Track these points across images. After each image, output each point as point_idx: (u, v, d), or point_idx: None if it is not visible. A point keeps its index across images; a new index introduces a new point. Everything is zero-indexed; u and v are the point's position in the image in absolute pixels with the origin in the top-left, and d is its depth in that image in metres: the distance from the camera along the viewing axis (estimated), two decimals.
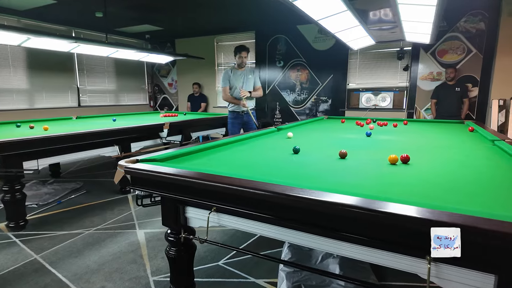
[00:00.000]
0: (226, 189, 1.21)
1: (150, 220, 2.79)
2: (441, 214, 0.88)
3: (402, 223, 0.92)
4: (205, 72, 7.28)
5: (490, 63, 4.80)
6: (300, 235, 1.19)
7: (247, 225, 1.34)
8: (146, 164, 1.50)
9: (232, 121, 4.04)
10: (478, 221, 0.84)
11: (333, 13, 2.40)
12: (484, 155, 1.82)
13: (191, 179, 1.29)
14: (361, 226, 1.01)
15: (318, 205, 1.00)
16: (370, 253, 1.08)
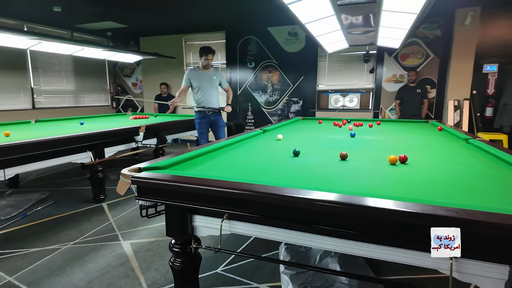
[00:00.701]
0: (241, 195, 1.18)
1: (134, 230, 2.63)
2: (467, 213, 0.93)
3: (426, 222, 0.95)
4: (173, 72, 7.05)
5: (446, 67, 5.25)
6: (322, 239, 1.19)
7: (261, 231, 1.32)
8: (151, 172, 1.42)
9: (200, 121, 4.03)
10: (494, 217, 0.89)
11: (321, 17, 2.45)
12: (466, 153, 1.97)
13: (204, 186, 1.25)
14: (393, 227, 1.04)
15: (352, 209, 1.02)
16: (394, 252, 1.11)
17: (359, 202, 1.01)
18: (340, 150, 2.00)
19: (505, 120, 4.90)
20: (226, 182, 1.25)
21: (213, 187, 1.23)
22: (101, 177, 3.19)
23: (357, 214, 1.01)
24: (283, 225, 1.24)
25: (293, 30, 5.98)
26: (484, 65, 5.10)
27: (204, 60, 3.88)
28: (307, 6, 2.21)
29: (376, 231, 1.06)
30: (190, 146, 6.73)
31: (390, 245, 1.10)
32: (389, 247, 1.11)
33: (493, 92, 5.13)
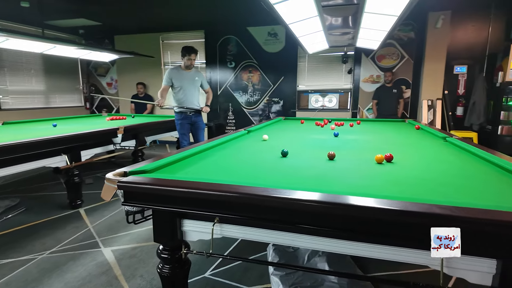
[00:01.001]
0: (234, 198, 1.16)
1: (115, 235, 2.53)
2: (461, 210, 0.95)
3: (417, 219, 0.96)
4: (150, 71, 6.87)
5: (420, 67, 5.46)
6: (317, 240, 1.19)
7: (254, 234, 1.30)
8: (138, 176, 1.36)
9: (181, 122, 3.97)
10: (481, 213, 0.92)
11: (304, 17, 2.46)
12: (446, 151, 2.05)
13: (196, 190, 1.21)
14: (387, 227, 1.05)
15: (350, 208, 1.01)
16: (386, 250, 1.12)
17: (359, 203, 1.01)
18: (326, 150, 2.02)
19: (474, 119, 5.16)
20: (218, 185, 1.22)
21: (204, 190, 1.19)
22: (77, 182, 3.04)
23: (356, 213, 1.01)
24: (277, 227, 1.22)
25: (273, 31, 6.00)
26: (454, 66, 5.35)
27: (187, 60, 3.80)
28: (292, 7, 2.20)
29: (370, 230, 1.07)
30: (169, 147, 6.58)
31: (385, 243, 1.11)
32: (382, 246, 1.12)
33: (463, 92, 5.40)
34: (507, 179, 1.36)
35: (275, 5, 2.01)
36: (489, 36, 5.13)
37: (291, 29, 2.70)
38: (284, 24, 2.50)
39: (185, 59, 3.80)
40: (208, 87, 4.23)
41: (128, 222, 1.39)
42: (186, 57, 3.78)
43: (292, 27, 2.66)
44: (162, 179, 1.30)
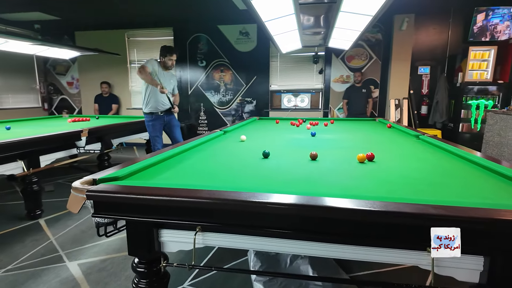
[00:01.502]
0: (219, 205, 1.07)
1: (81, 247, 2.32)
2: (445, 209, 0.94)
3: (406, 220, 0.94)
4: (115, 70, 6.51)
5: (387, 68, 5.65)
6: (307, 244, 1.13)
7: (240, 242, 1.22)
8: (109, 184, 1.22)
9: (153, 123, 3.74)
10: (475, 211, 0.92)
11: (280, 15, 2.41)
12: (421, 148, 2.09)
13: (176, 198, 1.11)
14: (381, 228, 1.01)
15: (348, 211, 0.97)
16: (376, 252, 1.09)
17: (353, 206, 0.96)
18: (306, 150, 1.98)
19: (438, 117, 5.44)
20: (201, 191, 1.12)
21: (186, 198, 1.09)
22: (36, 190, 2.76)
23: (350, 216, 0.97)
24: (266, 233, 1.15)
25: (244, 30, 5.92)
26: (418, 67, 5.61)
27: (168, 60, 3.65)
28: (269, 4, 2.15)
29: (363, 232, 1.03)
30: (137, 150, 6.29)
31: (376, 246, 1.08)
32: (372, 248, 1.09)
33: (427, 91, 5.67)
34: (485, 175, 1.39)
35: (252, 1, 1.94)
36: (449, 38, 5.43)
37: (267, 27, 2.64)
38: (259, 21, 2.43)
39: (166, 59, 3.63)
40: (177, 92, 4.09)
41: (99, 235, 1.26)
42: (167, 57, 3.63)
43: (267, 25, 2.61)
44: (137, 186, 1.18)
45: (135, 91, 6.63)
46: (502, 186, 1.25)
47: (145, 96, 3.70)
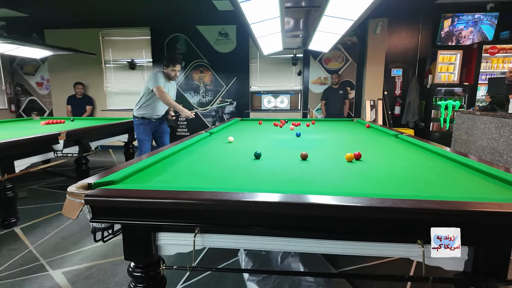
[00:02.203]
0: (219, 206, 1.09)
1: (64, 255, 2.23)
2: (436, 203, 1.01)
3: (403, 215, 1.00)
4: (89, 70, 6.28)
5: (362, 70, 5.86)
6: (306, 242, 1.17)
7: (240, 242, 1.25)
8: (107, 188, 1.20)
9: (144, 127, 3.55)
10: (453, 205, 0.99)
11: (267, 18, 2.45)
12: (402, 147, 2.20)
13: (177, 200, 1.11)
14: (377, 224, 1.07)
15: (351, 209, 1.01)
16: (371, 247, 1.14)
17: (355, 203, 1.01)
18: (295, 150, 2.04)
19: (410, 117, 5.72)
20: (202, 193, 1.13)
21: (187, 200, 1.10)
22: (11, 196, 2.62)
23: (353, 213, 1.02)
24: (266, 232, 1.18)
25: (224, 30, 5.92)
26: (392, 69, 5.87)
27: (171, 71, 3.42)
28: (256, 6, 2.18)
29: (361, 229, 1.08)
30: (113, 153, 6.09)
31: (372, 240, 1.14)
32: (368, 243, 1.15)
33: (400, 93, 5.95)
34: (465, 172, 1.50)
35: (241, 3, 1.96)
36: (419, 42, 5.73)
37: (252, 29, 2.67)
38: (246, 24, 2.46)
39: (169, 69, 3.41)
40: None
41: (96, 240, 1.22)
42: (170, 68, 3.40)
43: (253, 27, 2.64)
44: (137, 190, 1.17)
45: (110, 92, 6.42)
46: (480, 181, 1.35)
47: (142, 101, 3.49)
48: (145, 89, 3.44)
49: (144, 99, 3.46)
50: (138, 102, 3.53)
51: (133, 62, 6.21)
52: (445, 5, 5.17)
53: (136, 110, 3.54)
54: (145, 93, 3.45)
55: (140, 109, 3.50)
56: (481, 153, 3.81)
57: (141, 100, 3.49)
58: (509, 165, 3.32)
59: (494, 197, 1.13)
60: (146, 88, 3.43)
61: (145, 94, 3.44)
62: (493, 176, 1.37)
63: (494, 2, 5.08)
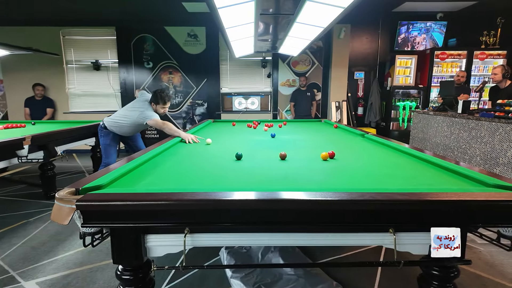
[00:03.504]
0: (209, 206, 1.15)
1: (36, 265, 2.13)
2: (399, 195, 1.16)
3: (378, 206, 1.13)
4: (49, 71, 5.94)
5: (328, 73, 6.14)
6: (290, 236, 1.27)
7: (229, 239, 1.31)
8: (98, 193, 1.21)
9: (112, 134, 3.28)
10: (421, 195, 1.14)
11: (242, 23, 2.53)
12: (368, 145, 2.39)
13: (168, 201, 1.15)
14: (357, 215, 1.19)
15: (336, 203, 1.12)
16: (348, 237, 1.27)
17: (338, 197, 1.13)
18: (273, 150, 2.14)
19: (372, 117, 6.09)
20: (191, 194, 1.18)
21: (179, 201, 1.14)
22: None
23: (334, 206, 1.13)
24: (256, 229, 1.25)
25: (193, 32, 5.90)
26: (355, 72, 6.21)
27: (160, 109, 3.15)
28: (231, 13, 2.25)
29: (340, 220, 1.19)
30: (77, 157, 5.82)
31: (350, 231, 1.26)
32: (346, 233, 1.27)
33: (362, 94, 6.31)
34: (423, 166, 1.69)
35: (219, 9, 2.02)
36: (379, 47, 6.13)
37: (226, 33, 2.73)
38: (221, 28, 2.52)
39: (158, 107, 3.13)
40: None
41: (85, 245, 1.22)
42: (159, 105, 3.12)
43: (227, 31, 2.70)
44: (129, 193, 1.19)
45: (73, 93, 6.13)
46: (436, 173, 1.54)
47: (120, 120, 3.20)
48: (131, 119, 3.14)
49: (124, 121, 3.19)
50: (115, 119, 3.24)
51: (98, 63, 5.98)
52: (401, 13, 5.59)
53: (108, 124, 3.24)
54: (128, 120, 3.17)
55: (114, 127, 3.24)
56: (435, 149, 4.18)
57: (121, 120, 3.20)
58: (459, 160, 3.70)
59: (449, 187, 1.30)
60: (134, 119, 3.12)
61: (128, 120, 3.17)
62: (446, 168, 1.57)
63: (443, 12, 5.59)
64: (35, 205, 3.31)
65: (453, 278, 1.33)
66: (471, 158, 3.49)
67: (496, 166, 3.12)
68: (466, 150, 3.58)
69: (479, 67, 5.67)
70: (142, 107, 3.13)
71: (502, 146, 3.04)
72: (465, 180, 1.41)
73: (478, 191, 1.20)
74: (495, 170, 3.12)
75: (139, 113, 3.08)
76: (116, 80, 6.11)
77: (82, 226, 1.14)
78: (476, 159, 3.41)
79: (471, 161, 3.48)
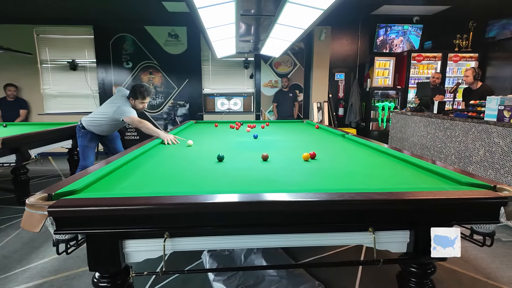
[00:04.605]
0: (189, 209, 1.12)
1: (8, 274, 2.02)
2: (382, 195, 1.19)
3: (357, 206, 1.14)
4: (22, 71, 5.69)
5: (309, 74, 6.21)
6: (273, 237, 1.26)
7: (210, 243, 1.30)
8: (71, 198, 1.16)
9: (90, 136, 3.19)
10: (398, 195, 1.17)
11: (222, 24, 2.51)
12: (348, 146, 2.43)
13: (144, 206, 1.12)
14: (336, 216, 1.20)
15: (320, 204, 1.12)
16: (329, 237, 1.28)
17: (320, 198, 1.13)
18: (255, 152, 2.13)
19: (352, 118, 6.21)
20: (170, 198, 1.16)
21: (156, 205, 1.12)
22: None
23: (312, 208, 1.13)
24: (236, 231, 1.24)
25: (173, 32, 5.82)
26: (335, 73, 6.31)
27: (139, 104, 3.06)
28: (212, 13, 2.23)
29: (321, 221, 1.20)
30: (53, 160, 5.61)
31: (331, 231, 1.27)
32: (327, 234, 1.28)
33: (342, 95, 6.42)
34: (401, 165, 1.73)
35: (199, 9, 2.00)
36: (358, 49, 6.26)
37: (207, 33, 2.71)
38: (202, 28, 2.49)
39: (137, 102, 3.03)
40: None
41: (59, 253, 1.17)
42: (138, 100, 3.03)
43: (208, 32, 2.68)
44: (103, 198, 1.15)
45: (48, 94, 5.90)
46: (413, 172, 1.58)
47: (97, 119, 3.11)
48: (108, 115, 3.03)
49: (102, 119, 3.09)
50: (93, 116, 3.15)
51: (74, 63, 5.78)
52: (380, 16, 5.73)
53: (86, 123, 3.15)
54: (106, 117, 3.06)
55: (92, 125, 3.14)
56: (413, 149, 4.31)
57: (98, 118, 3.11)
58: (435, 158, 3.82)
59: (426, 186, 1.34)
60: (110, 115, 3.01)
61: (106, 117, 3.06)
62: (423, 168, 1.62)
63: (419, 16, 5.78)
64: (7, 211, 3.16)
65: (430, 274, 1.37)
66: (446, 157, 3.62)
67: (470, 164, 3.24)
68: (441, 149, 3.70)
69: (453, 69, 5.89)
70: (119, 102, 3.03)
71: (474, 145, 3.17)
72: (441, 179, 1.46)
73: (453, 189, 1.24)
74: (469, 168, 3.25)
75: (116, 108, 2.96)
76: (94, 81, 5.94)
77: (54, 233, 1.09)
78: (451, 158, 3.54)
79: (447, 160, 3.60)
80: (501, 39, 5.12)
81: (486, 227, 1.21)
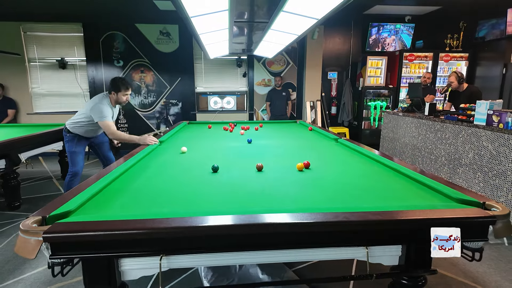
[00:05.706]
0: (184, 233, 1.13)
1: (1, 286, 2.02)
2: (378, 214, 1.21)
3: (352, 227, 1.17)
4: (9, 70, 5.56)
5: (302, 73, 6.21)
6: (269, 253, 1.28)
7: (205, 260, 1.31)
8: (66, 222, 1.15)
9: (78, 140, 3.11)
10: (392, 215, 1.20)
11: (216, 29, 2.49)
12: (341, 152, 2.44)
13: (141, 230, 1.12)
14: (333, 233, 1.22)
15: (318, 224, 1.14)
16: (324, 252, 1.31)
17: (313, 219, 1.15)
18: (249, 160, 2.14)
19: (345, 117, 6.25)
20: (166, 220, 1.15)
21: (151, 230, 1.11)
22: None
23: (309, 228, 1.15)
24: (230, 249, 1.25)
25: (165, 30, 5.74)
26: (328, 72, 6.32)
27: (122, 96, 2.94)
28: (205, 19, 2.20)
29: (317, 239, 1.22)
30: (44, 161, 5.52)
31: (326, 247, 1.30)
32: (321, 249, 1.31)
33: (335, 94, 6.45)
34: (393, 176, 1.76)
35: (192, 18, 1.98)
36: (351, 48, 6.27)
37: (200, 37, 2.68)
38: (195, 34, 2.46)
39: (120, 94, 2.92)
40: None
41: (54, 275, 1.17)
42: (121, 93, 2.92)
43: (201, 37, 2.65)
44: (99, 222, 1.14)
45: (37, 93, 5.78)
46: (405, 185, 1.61)
47: (81, 121, 3.03)
48: (87, 114, 2.97)
49: (83, 120, 3.02)
50: (75, 118, 3.08)
51: (64, 61, 5.66)
52: (372, 15, 5.74)
53: (71, 126, 3.06)
54: (86, 116, 2.99)
55: (76, 128, 3.06)
56: (404, 149, 4.37)
57: (80, 119, 3.03)
58: (426, 159, 3.89)
59: (418, 203, 1.37)
60: (88, 113, 2.94)
61: (86, 117, 2.99)
62: (414, 179, 1.65)
63: (411, 15, 5.81)
64: None
65: (421, 286, 1.40)
66: (436, 158, 3.68)
67: (459, 167, 3.31)
68: (432, 150, 3.77)
69: (444, 68, 5.96)
70: (96, 99, 2.92)
71: (464, 148, 3.23)
72: (432, 193, 1.49)
73: (444, 206, 1.28)
74: (459, 170, 3.32)
75: (92, 106, 2.83)
76: (84, 79, 5.83)
77: (50, 258, 1.09)
78: (441, 159, 3.60)
79: (437, 161, 3.67)
80: (491, 39, 5.18)
81: (475, 243, 1.25)
